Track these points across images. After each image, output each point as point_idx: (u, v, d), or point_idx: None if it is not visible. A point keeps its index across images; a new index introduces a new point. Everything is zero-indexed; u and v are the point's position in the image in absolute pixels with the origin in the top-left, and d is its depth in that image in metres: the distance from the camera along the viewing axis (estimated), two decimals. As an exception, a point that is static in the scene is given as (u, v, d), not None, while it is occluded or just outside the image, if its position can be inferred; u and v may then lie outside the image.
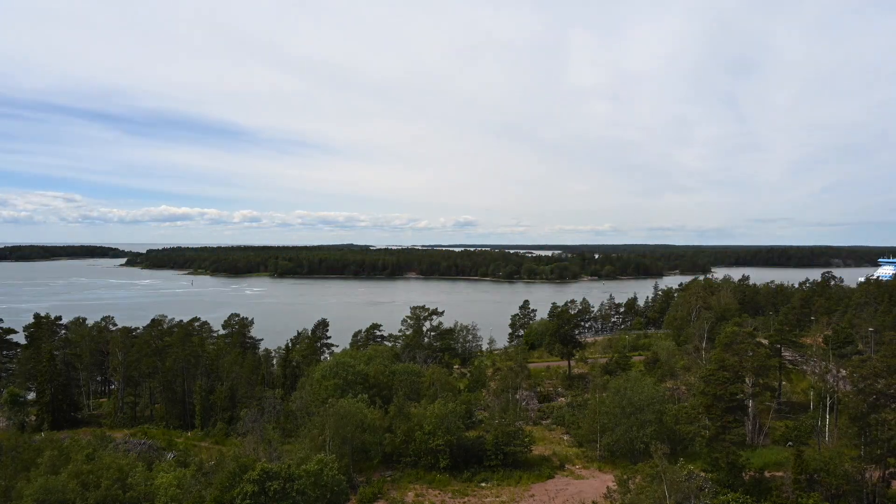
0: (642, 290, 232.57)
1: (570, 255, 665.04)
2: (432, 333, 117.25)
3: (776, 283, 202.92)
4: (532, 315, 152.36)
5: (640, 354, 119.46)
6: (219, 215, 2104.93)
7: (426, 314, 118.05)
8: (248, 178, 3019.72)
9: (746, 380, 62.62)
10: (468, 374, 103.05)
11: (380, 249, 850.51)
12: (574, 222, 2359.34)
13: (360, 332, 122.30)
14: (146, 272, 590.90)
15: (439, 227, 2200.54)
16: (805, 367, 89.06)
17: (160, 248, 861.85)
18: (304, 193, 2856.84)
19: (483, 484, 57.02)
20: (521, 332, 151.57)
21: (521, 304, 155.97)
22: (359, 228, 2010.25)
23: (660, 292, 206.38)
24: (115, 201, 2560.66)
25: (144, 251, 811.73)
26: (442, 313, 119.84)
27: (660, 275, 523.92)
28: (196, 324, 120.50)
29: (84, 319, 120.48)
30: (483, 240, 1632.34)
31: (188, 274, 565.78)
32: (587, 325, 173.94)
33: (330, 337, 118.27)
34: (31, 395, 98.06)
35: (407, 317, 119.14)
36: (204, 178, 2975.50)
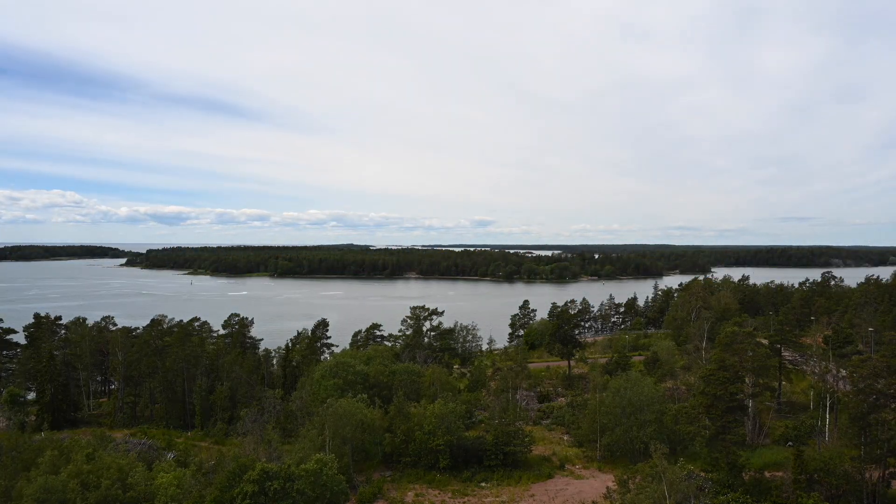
0: (642, 290, 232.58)
1: (569, 255, 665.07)
2: (432, 333, 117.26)
3: (776, 283, 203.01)
4: (532, 315, 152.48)
5: (640, 354, 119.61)
6: (223, 214, 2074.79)
7: (426, 314, 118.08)
8: (253, 176, 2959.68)
9: (746, 380, 62.68)
10: (468, 374, 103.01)
11: (380, 249, 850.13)
12: (591, 221, 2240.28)
13: (360, 332, 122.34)
14: (146, 272, 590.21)
15: (452, 227, 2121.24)
16: (805, 367, 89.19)
17: (160, 248, 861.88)
18: (315, 190, 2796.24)
19: (483, 484, 57.02)
20: (521, 332, 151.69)
21: (521, 304, 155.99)
22: (369, 227, 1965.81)
23: (660, 292, 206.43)
24: (114, 200, 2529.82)
25: (145, 251, 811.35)
26: (442, 313, 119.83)
27: (660, 275, 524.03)
28: (196, 324, 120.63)
29: (84, 319, 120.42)
30: (494, 239, 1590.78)
31: (188, 274, 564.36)
32: (587, 325, 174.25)
33: (330, 337, 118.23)
34: (31, 395, 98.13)
35: (407, 317, 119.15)
36: (209, 175, 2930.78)
